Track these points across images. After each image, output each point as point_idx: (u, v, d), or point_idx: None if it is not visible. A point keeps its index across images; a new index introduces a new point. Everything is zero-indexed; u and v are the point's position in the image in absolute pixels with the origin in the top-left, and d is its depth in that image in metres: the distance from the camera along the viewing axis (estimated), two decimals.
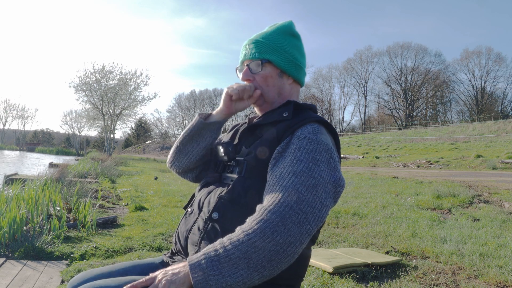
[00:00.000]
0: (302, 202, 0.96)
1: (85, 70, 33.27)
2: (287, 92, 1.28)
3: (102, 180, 10.90)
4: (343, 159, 24.50)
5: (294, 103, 1.22)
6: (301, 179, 0.99)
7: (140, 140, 72.51)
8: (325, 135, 1.12)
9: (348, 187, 8.95)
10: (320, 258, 3.25)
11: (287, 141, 1.10)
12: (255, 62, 1.24)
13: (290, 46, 1.26)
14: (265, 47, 1.24)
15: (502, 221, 4.90)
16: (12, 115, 76.98)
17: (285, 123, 1.16)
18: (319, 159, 1.04)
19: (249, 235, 0.92)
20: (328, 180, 1.03)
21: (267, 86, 1.24)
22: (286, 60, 1.25)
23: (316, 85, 73.86)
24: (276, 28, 1.29)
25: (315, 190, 0.99)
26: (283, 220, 0.93)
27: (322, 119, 1.17)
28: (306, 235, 0.95)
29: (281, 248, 0.91)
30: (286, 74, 1.26)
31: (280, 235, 0.91)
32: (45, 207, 4.52)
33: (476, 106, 61.02)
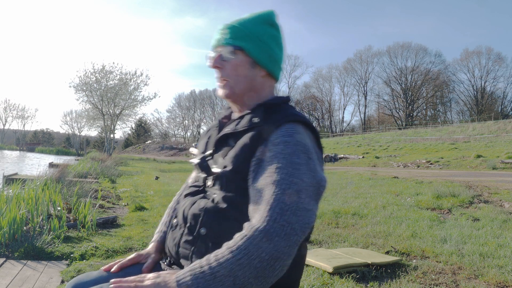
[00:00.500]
0: (286, 213, 0.92)
1: (85, 70, 33.33)
2: (259, 85, 1.18)
3: (102, 180, 10.91)
4: (342, 159, 24.51)
5: (264, 105, 1.14)
6: (281, 188, 0.95)
7: (140, 140, 72.53)
8: (302, 134, 1.06)
9: (348, 187, 8.95)
10: (320, 258, 3.25)
11: (262, 148, 1.05)
12: (227, 49, 1.15)
13: (266, 36, 1.17)
14: (239, 34, 1.15)
15: (502, 221, 4.90)
16: (12, 115, 77.10)
17: (258, 129, 1.08)
18: (298, 162, 0.99)
19: (234, 252, 0.89)
20: (309, 183, 0.98)
21: (236, 76, 1.16)
22: (261, 50, 1.16)
23: (316, 85, 73.94)
24: (256, 16, 1.20)
25: (298, 197, 0.95)
26: (267, 235, 0.89)
27: (297, 117, 1.09)
28: (294, 245, 0.92)
29: (268, 264, 0.89)
30: (259, 66, 1.17)
31: (266, 251, 0.88)
32: (45, 207, 4.52)
33: (476, 106, 61.04)
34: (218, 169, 1.12)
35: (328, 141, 43.31)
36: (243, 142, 1.08)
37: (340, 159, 24.44)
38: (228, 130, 1.15)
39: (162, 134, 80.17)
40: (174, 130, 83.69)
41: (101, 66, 30.00)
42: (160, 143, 64.32)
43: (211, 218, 1.07)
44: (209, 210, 1.08)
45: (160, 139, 73.13)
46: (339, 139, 45.97)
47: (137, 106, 32.12)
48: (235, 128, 1.14)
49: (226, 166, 1.09)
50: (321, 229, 4.71)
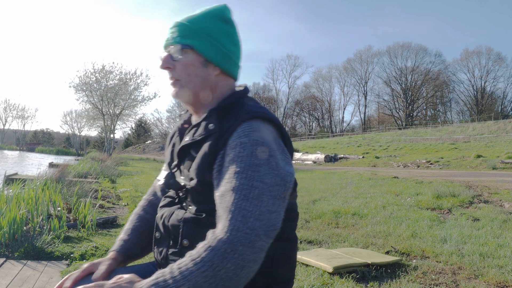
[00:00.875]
0: (249, 219, 0.89)
1: (85, 70, 33.27)
2: (212, 84, 1.12)
3: (102, 180, 10.91)
4: (342, 159, 24.50)
5: (217, 110, 1.09)
6: (242, 193, 0.92)
7: (140, 140, 72.54)
8: (259, 131, 1.00)
9: (348, 187, 8.96)
10: (320, 258, 3.25)
11: (221, 155, 1.01)
12: (176, 48, 1.10)
13: (218, 32, 1.11)
14: (188, 31, 1.10)
15: (502, 221, 4.90)
16: (12, 115, 77.07)
17: (215, 135, 1.04)
18: (257, 163, 0.95)
19: (198, 265, 0.86)
20: (272, 183, 0.95)
21: (188, 75, 1.10)
22: (212, 47, 1.10)
23: (316, 85, 73.92)
24: (206, 11, 1.14)
25: (260, 201, 0.92)
26: (231, 246, 0.87)
27: (252, 114, 1.03)
28: (260, 251, 0.90)
29: (234, 273, 0.87)
30: (211, 64, 1.11)
31: (231, 261, 0.86)
32: (45, 207, 4.52)
33: (476, 106, 61.05)
34: (185, 181, 1.10)
35: (328, 141, 43.32)
36: (203, 152, 1.04)
37: (340, 159, 24.43)
38: (187, 140, 1.12)
39: (162, 134, 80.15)
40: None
41: (101, 66, 30.03)
42: (160, 143, 64.29)
43: (191, 228, 1.05)
44: (188, 220, 1.06)
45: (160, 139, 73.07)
46: (339, 139, 45.97)
47: (137, 106, 32.14)
48: (193, 137, 1.10)
49: (192, 178, 1.06)
50: (321, 229, 4.71)
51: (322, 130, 67.89)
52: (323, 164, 22.31)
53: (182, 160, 1.14)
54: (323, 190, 8.44)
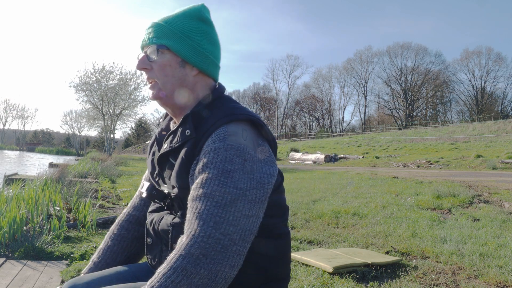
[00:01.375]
0: (222, 225, 0.89)
1: (85, 70, 33.33)
2: (190, 84, 1.11)
3: (102, 180, 10.91)
4: (342, 159, 24.50)
5: (191, 115, 1.07)
6: (214, 200, 0.91)
7: (140, 140, 72.50)
8: (235, 135, 0.98)
9: (348, 187, 8.96)
10: (320, 258, 3.25)
11: (196, 160, 1.00)
12: (152, 48, 1.09)
13: (195, 32, 1.10)
14: (164, 31, 1.09)
15: (502, 221, 4.90)
16: (12, 115, 77.10)
17: (191, 141, 1.03)
18: (231, 169, 0.94)
19: (171, 277, 0.86)
20: (248, 187, 0.94)
21: (165, 76, 1.09)
22: (188, 47, 1.09)
23: (316, 85, 73.92)
24: (183, 11, 1.12)
25: (234, 206, 0.91)
26: (203, 252, 0.87)
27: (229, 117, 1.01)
28: (236, 256, 0.90)
29: (209, 279, 0.86)
30: (189, 64, 1.10)
31: (204, 267, 0.86)
32: (45, 207, 4.52)
33: (476, 106, 61.06)
34: (169, 189, 1.10)
35: (328, 141, 43.31)
36: (181, 159, 1.04)
37: (340, 159, 24.43)
38: (165, 148, 1.11)
39: None
40: None
41: (101, 66, 30.07)
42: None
43: (180, 232, 1.04)
44: (177, 224, 1.06)
45: None
46: (339, 139, 45.96)
47: (137, 106, 32.12)
48: (171, 145, 1.09)
49: (174, 187, 1.06)
50: (321, 229, 4.71)
51: (322, 130, 67.88)
52: (323, 164, 22.31)
53: (162, 168, 1.13)
54: (323, 190, 8.44)
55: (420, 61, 65.51)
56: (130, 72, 30.71)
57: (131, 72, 30.71)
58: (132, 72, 30.65)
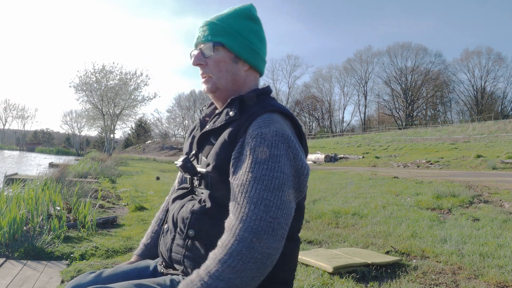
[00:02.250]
0: (271, 208, 0.92)
1: (85, 70, 33.28)
2: (242, 79, 1.18)
3: (102, 180, 10.91)
4: (342, 159, 24.50)
5: (239, 98, 1.13)
6: (263, 183, 0.95)
7: (140, 140, 72.52)
8: (279, 123, 1.04)
9: (348, 187, 8.96)
10: (320, 258, 3.25)
11: (241, 142, 1.04)
12: (207, 45, 1.15)
13: (246, 30, 1.17)
14: (218, 30, 1.15)
15: (502, 221, 4.90)
16: (12, 115, 77.10)
17: (235, 123, 1.07)
18: (277, 154, 0.98)
19: (227, 262, 0.89)
20: (290, 173, 0.99)
21: (219, 71, 1.15)
22: (241, 44, 1.15)
23: (316, 85, 73.87)
24: (234, 10, 1.19)
25: (281, 191, 0.95)
26: (257, 235, 0.90)
27: (273, 107, 1.09)
28: (282, 239, 0.93)
29: (262, 263, 0.89)
30: (241, 60, 1.16)
31: (258, 251, 0.89)
32: (45, 207, 4.52)
33: (476, 106, 61.04)
34: (202, 168, 1.12)
35: (328, 141, 43.31)
36: (223, 139, 1.07)
37: (340, 159, 24.43)
38: (208, 127, 1.15)
39: (162, 134, 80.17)
40: (174, 130, 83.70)
41: (101, 66, 30.07)
42: (160, 143, 64.31)
43: (198, 219, 1.07)
44: (196, 211, 1.08)
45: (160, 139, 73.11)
46: (339, 139, 45.96)
47: (137, 106, 32.15)
48: (214, 125, 1.13)
49: (209, 164, 1.09)
50: (321, 229, 4.71)
51: (322, 130, 67.84)
52: (323, 164, 22.31)
53: (201, 147, 1.17)
54: (323, 190, 8.44)
55: (420, 61, 65.53)
56: (130, 72, 30.80)
57: (131, 72, 30.77)
58: (132, 72, 30.71)
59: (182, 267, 1.10)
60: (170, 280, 1.09)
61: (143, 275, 1.20)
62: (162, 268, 1.19)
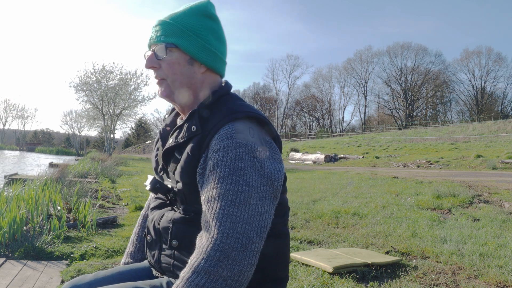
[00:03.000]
0: (238, 224, 0.89)
1: (86, 70, 33.37)
2: (199, 82, 1.12)
3: (102, 180, 10.91)
4: (342, 159, 24.50)
5: (198, 111, 1.07)
6: (228, 199, 0.91)
7: (140, 140, 72.50)
8: (242, 132, 0.98)
9: (348, 187, 8.96)
10: (320, 258, 3.25)
11: (204, 157, 1.00)
12: (160, 46, 1.09)
13: (203, 29, 1.10)
14: (172, 30, 1.09)
15: (502, 221, 4.90)
16: (12, 115, 77.04)
17: (197, 138, 1.03)
18: (242, 167, 0.94)
19: (195, 281, 0.86)
20: (258, 184, 0.94)
21: (174, 74, 1.09)
22: (197, 45, 1.09)
23: (316, 85, 73.86)
24: (189, 8, 1.12)
25: (248, 204, 0.92)
26: (224, 253, 0.87)
27: (234, 116, 1.02)
28: (254, 253, 0.91)
29: (232, 280, 0.87)
30: (197, 62, 1.10)
31: (226, 268, 0.87)
32: (45, 207, 4.52)
33: (476, 106, 61.04)
34: (172, 184, 1.10)
35: (328, 141, 43.31)
36: (186, 154, 1.04)
37: (340, 159, 24.43)
38: (171, 142, 1.12)
39: None
40: None
41: (101, 66, 30.08)
42: None
43: (180, 228, 1.06)
44: (177, 221, 1.07)
45: None
46: (339, 139, 45.95)
47: (137, 106, 32.14)
48: (177, 140, 1.09)
49: (178, 181, 1.07)
50: (321, 229, 4.71)
51: (322, 130, 67.84)
52: (323, 164, 22.31)
53: (167, 163, 1.13)
54: (323, 190, 8.44)
55: (420, 61, 65.52)
56: (130, 72, 30.81)
57: (131, 72, 30.77)
58: (132, 72, 30.70)
59: (172, 275, 1.10)
60: (167, 282, 1.09)
61: (140, 277, 1.20)
62: (157, 273, 1.18)
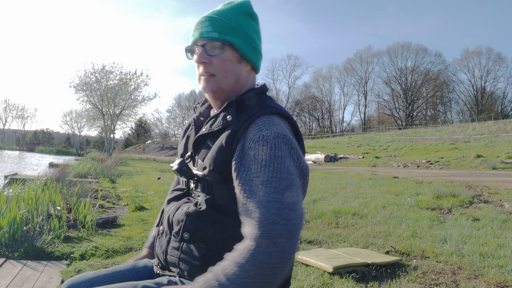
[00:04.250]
0: (284, 210, 0.90)
1: (85, 70, 33.35)
2: (244, 79, 1.15)
3: (102, 180, 10.91)
4: (342, 159, 24.50)
5: (236, 101, 1.10)
6: (272, 186, 0.92)
7: (140, 140, 72.49)
8: (279, 125, 1.02)
9: (348, 187, 8.96)
10: (320, 258, 3.25)
11: (240, 146, 1.01)
12: (214, 43, 1.09)
13: (250, 29, 1.13)
14: (224, 27, 1.09)
15: (502, 221, 4.91)
16: (12, 115, 77.00)
17: (232, 127, 1.05)
18: (282, 155, 0.96)
19: (243, 266, 0.86)
20: (296, 173, 0.97)
21: (225, 71, 1.11)
22: (247, 44, 1.12)
23: (316, 85, 73.81)
24: (234, 6, 1.13)
25: (291, 191, 0.93)
26: (272, 240, 0.87)
27: (270, 109, 1.06)
28: (298, 241, 0.91)
29: (279, 267, 0.87)
30: (245, 60, 1.13)
31: (274, 256, 0.86)
32: (45, 207, 4.52)
33: (476, 106, 61.02)
34: (198, 171, 1.11)
35: (328, 141, 43.30)
36: (220, 142, 1.05)
37: (340, 159, 24.42)
38: (204, 130, 1.13)
39: (162, 134, 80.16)
40: (174, 130, 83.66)
41: (101, 66, 30.10)
42: (160, 143, 64.25)
43: (193, 222, 1.06)
44: (191, 214, 1.07)
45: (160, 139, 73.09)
46: (339, 139, 45.95)
47: (137, 106, 32.16)
48: (211, 128, 1.11)
49: (206, 167, 1.07)
50: (321, 229, 4.71)
51: (322, 130, 67.81)
52: (323, 164, 22.31)
53: (197, 150, 1.15)
54: (323, 190, 8.44)
55: (420, 61, 65.49)
56: (130, 72, 30.78)
57: (131, 72, 30.75)
58: (132, 72, 30.71)
59: (177, 269, 1.10)
60: (168, 281, 1.09)
61: (140, 276, 1.20)
62: (158, 270, 1.18)
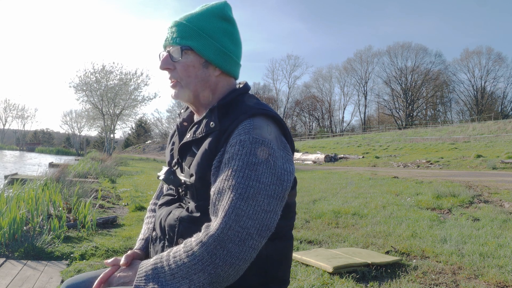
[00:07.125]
0: (242, 218, 0.91)
1: (85, 70, 33.28)
2: (213, 84, 1.12)
3: (102, 180, 10.91)
4: (342, 159, 24.49)
5: (217, 108, 1.08)
6: (237, 192, 0.92)
7: (140, 140, 72.52)
8: (260, 129, 1.00)
9: (348, 187, 8.96)
10: (320, 258, 3.25)
11: (222, 151, 1.02)
12: (175, 48, 1.09)
13: (218, 32, 1.10)
14: (187, 32, 1.08)
15: (502, 221, 4.90)
16: (12, 115, 76.99)
17: (215, 133, 1.04)
18: (256, 162, 0.95)
19: (189, 257, 0.91)
20: (269, 182, 0.95)
21: (188, 77, 1.10)
22: (212, 48, 1.09)
23: (316, 85, 73.83)
24: (205, 9, 1.12)
25: (255, 200, 0.92)
26: (221, 243, 0.90)
27: (253, 111, 1.03)
28: (251, 249, 0.92)
29: (222, 270, 0.90)
30: (212, 65, 1.10)
31: (219, 257, 0.90)
32: (45, 207, 4.52)
33: (476, 106, 61.02)
34: (186, 178, 1.11)
35: (328, 141, 43.30)
36: (204, 149, 1.05)
37: (340, 159, 24.42)
38: (189, 137, 1.12)
39: (162, 134, 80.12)
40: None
41: (101, 66, 30.10)
42: (160, 143, 64.24)
43: (186, 227, 1.06)
44: (184, 219, 1.07)
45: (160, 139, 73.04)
46: (339, 139, 45.95)
47: (137, 106, 32.19)
48: (194, 135, 1.10)
49: (192, 175, 1.07)
50: (321, 229, 4.71)
51: (322, 130, 67.80)
52: (323, 164, 22.30)
53: (183, 157, 1.15)
54: (323, 190, 8.44)
55: (420, 61, 65.48)
56: (130, 72, 30.80)
57: (131, 72, 30.78)
58: (132, 72, 30.72)
59: None
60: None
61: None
62: None
